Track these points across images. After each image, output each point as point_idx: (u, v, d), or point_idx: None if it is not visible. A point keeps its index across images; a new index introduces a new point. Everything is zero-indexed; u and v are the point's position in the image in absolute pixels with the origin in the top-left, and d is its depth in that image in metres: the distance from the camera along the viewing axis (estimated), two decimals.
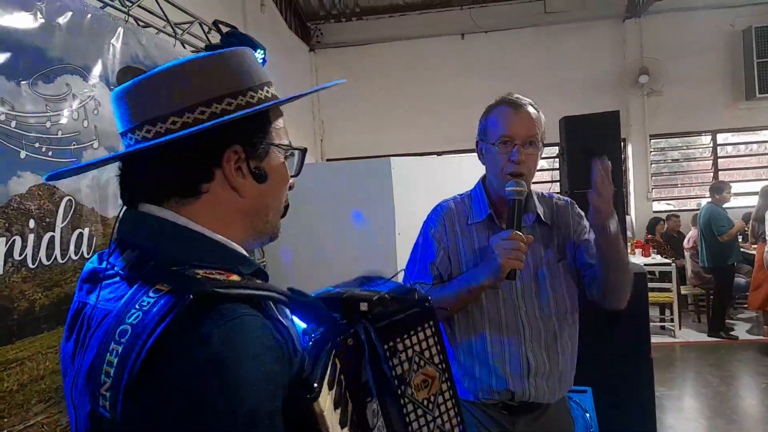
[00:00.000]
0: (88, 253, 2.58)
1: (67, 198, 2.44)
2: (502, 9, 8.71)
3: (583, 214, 1.85)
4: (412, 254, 1.83)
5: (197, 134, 0.76)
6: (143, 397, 0.63)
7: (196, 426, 0.62)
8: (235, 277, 0.74)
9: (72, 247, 2.47)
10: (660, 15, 8.32)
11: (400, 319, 0.84)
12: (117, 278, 0.77)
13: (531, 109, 1.70)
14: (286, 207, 0.91)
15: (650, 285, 5.66)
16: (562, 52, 8.58)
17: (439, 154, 8.67)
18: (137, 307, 0.68)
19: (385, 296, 0.83)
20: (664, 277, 6.83)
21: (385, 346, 0.81)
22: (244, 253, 0.83)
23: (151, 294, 0.69)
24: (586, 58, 8.53)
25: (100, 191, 2.64)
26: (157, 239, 0.77)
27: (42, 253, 2.31)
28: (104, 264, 0.81)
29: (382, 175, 3.83)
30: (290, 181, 0.89)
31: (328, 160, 9.12)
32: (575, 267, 1.81)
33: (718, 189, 6.71)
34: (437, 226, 1.78)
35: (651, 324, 3.91)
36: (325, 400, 0.71)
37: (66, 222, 2.45)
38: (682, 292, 7.14)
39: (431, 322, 0.86)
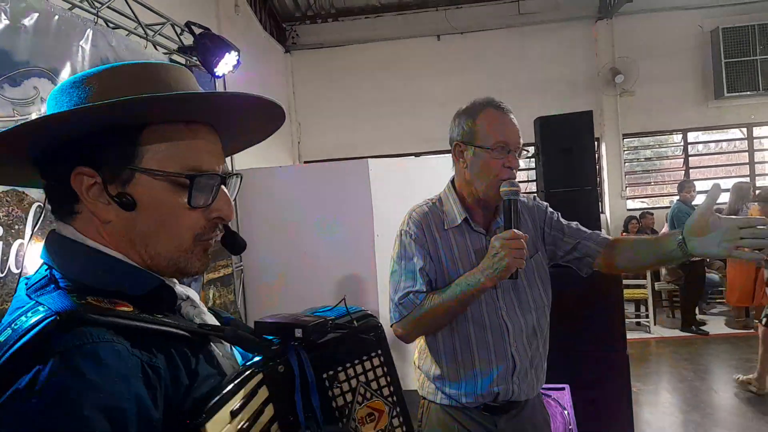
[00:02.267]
0: None
1: (36, 204, 2.38)
2: (477, 10, 8.77)
3: (546, 204, 1.90)
4: (395, 265, 1.78)
5: (52, 154, 0.75)
6: None
7: None
8: (125, 308, 0.72)
9: None
10: (631, 16, 8.46)
11: (341, 346, 0.79)
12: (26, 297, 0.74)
13: (514, 117, 1.73)
14: (208, 249, 0.82)
15: (625, 282, 5.75)
16: (536, 53, 8.67)
17: (417, 155, 8.69)
18: (13, 326, 0.67)
19: (327, 322, 0.79)
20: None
21: (324, 375, 0.77)
22: (140, 267, 0.78)
23: (29, 314, 0.67)
24: (559, 58, 8.63)
25: None
26: (57, 256, 0.77)
27: (11, 262, 2.26)
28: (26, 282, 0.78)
29: (359, 176, 3.83)
30: (201, 212, 0.79)
31: (305, 162, 9.08)
32: (547, 260, 1.86)
33: (681, 187, 6.98)
34: (417, 232, 1.75)
35: (626, 320, 3.97)
36: (219, 428, 0.67)
37: (36, 229, 2.40)
38: (656, 288, 7.27)
39: (379, 352, 0.82)
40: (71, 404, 0.60)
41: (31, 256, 2.40)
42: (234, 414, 0.70)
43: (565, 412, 2.59)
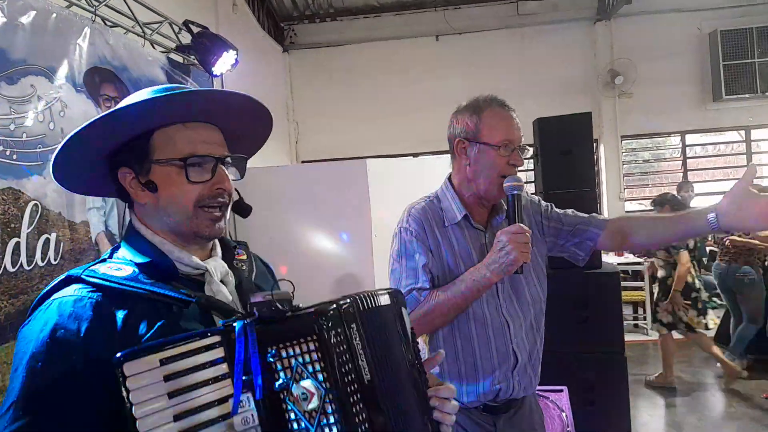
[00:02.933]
0: (55, 259, 2.51)
1: (33, 203, 2.37)
2: (476, 11, 8.76)
3: (539, 198, 1.94)
4: (395, 263, 1.77)
5: (109, 165, 1.07)
6: None
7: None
8: (122, 273, 0.97)
9: (38, 254, 2.41)
10: (629, 18, 8.45)
11: (287, 326, 0.88)
12: None
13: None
14: (218, 218, 1.05)
15: (623, 284, 5.74)
16: (535, 54, 8.66)
17: (415, 155, 8.68)
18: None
19: (273, 301, 0.88)
20: (637, 275, 6.94)
21: (268, 348, 0.86)
22: (158, 244, 1.04)
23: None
24: (558, 60, 8.62)
25: (67, 196, 2.58)
26: (124, 237, 1.09)
27: (7, 260, 2.25)
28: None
29: (357, 176, 3.82)
30: (201, 186, 1.02)
31: (303, 162, 9.06)
32: (546, 252, 1.89)
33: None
34: (417, 229, 1.74)
35: (624, 322, 3.97)
36: (140, 370, 0.79)
37: (32, 227, 2.39)
38: (654, 290, 7.26)
39: (315, 337, 0.87)
40: (39, 323, 0.91)
41: (28, 253, 2.39)
42: (165, 361, 0.81)
43: (563, 414, 2.59)
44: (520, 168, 1.71)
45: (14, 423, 0.84)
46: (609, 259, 6.39)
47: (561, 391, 2.80)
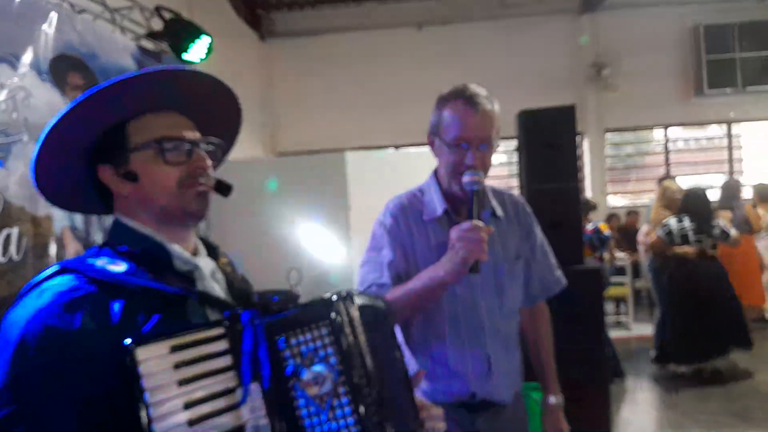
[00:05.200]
0: (17, 254, 2.41)
1: None
2: (460, 1, 8.68)
3: (534, 219, 1.88)
4: (366, 254, 1.74)
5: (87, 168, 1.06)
6: None
7: None
8: (117, 268, 0.95)
9: None
10: (614, 11, 8.45)
11: (294, 315, 0.91)
12: None
13: (487, 106, 1.63)
14: (202, 193, 1.04)
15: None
16: (520, 46, 8.61)
17: (397, 146, 8.62)
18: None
19: (277, 291, 0.92)
20: (619, 271, 6.94)
21: (276, 337, 0.88)
22: (150, 234, 1.03)
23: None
24: (542, 51, 8.59)
25: (30, 188, 2.46)
26: (109, 232, 1.06)
27: None
28: None
29: (335, 170, 3.72)
30: (181, 167, 1.02)
31: (282, 154, 8.95)
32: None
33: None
34: (392, 224, 1.70)
35: (606, 317, 3.95)
36: (152, 355, 0.81)
37: None
38: (636, 286, 7.28)
39: (327, 322, 0.90)
40: (29, 309, 0.89)
41: None
42: (175, 349, 0.83)
43: None
44: (504, 161, 1.64)
45: (2, 409, 0.83)
46: None
47: None
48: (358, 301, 0.99)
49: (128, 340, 0.80)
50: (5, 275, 2.32)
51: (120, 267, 0.95)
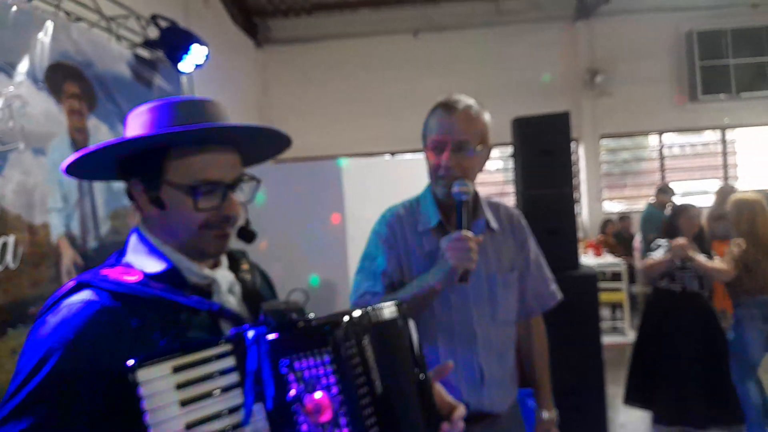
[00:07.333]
0: (13, 262, 2.40)
1: None
2: (455, 8, 8.71)
3: (529, 232, 1.88)
4: (361, 263, 1.76)
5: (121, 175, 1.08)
6: None
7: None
8: (132, 277, 0.97)
9: None
10: (608, 17, 8.49)
11: (300, 337, 0.88)
12: None
13: (469, 111, 1.64)
14: (223, 236, 1.05)
15: (601, 285, 5.72)
16: (515, 53, 8.64)
17: (392, 153, 8.63)
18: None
19: (284, 310, 0.90)
20: (615, 276, 6.94)
21: (281, 359, 0.86)
22: (167, 253, 1.03)
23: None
24: (538, 58, 8.62)
25: (27, 197, 2.47)
26: (130, 244, 1.07)
27: None
28: None
29: (330, 176, 3.70)
30: (210, 213, 1.02)
31: (277, 161, 8.94)
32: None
33: (661, 191, 6.97)
34: (388, 233, 1.71)
35: (602, 323, 3.94)
36: (154, 376, 0.81)
37: None
38: (633, 291, 7.28)
39: (330, 349, 0.86)
40: (50, 326, 0.92)
41: None
42: (177, 369, 0.83)
43: None
44: (501, 168, 1.66)
45: (21, 422, 0.85)
46: (587, 260, 6.38)
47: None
48: (372, 318, 0.97)
49: (131, 362, 0.81)
50: (1, 284, 2.32)
51: (134, 276, 0.98)
